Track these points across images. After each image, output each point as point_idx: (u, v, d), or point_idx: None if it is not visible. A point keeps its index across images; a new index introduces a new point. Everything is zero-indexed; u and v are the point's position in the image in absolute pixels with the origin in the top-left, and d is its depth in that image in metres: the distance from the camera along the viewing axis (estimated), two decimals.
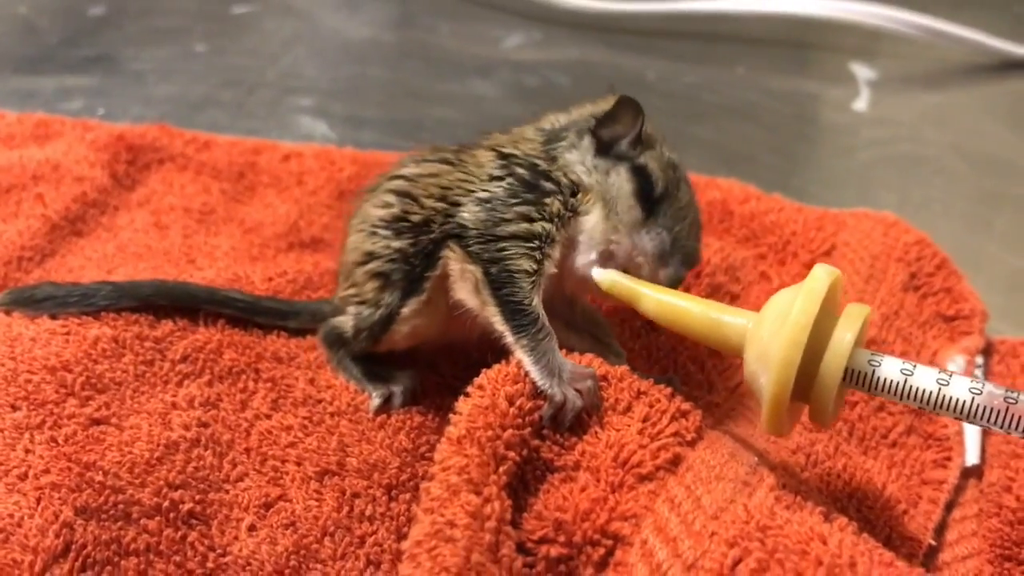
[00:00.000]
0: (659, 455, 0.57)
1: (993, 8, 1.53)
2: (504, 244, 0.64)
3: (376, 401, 0.71)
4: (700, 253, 0.71)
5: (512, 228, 0.65)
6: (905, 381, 0.56)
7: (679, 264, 0.68)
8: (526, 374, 0.61)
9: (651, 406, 0.61)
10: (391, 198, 0.71)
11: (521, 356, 0.62)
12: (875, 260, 0.86)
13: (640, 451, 0.57)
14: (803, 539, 0.52)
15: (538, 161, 0.68)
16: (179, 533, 0.61)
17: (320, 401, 0.71)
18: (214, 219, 0.96)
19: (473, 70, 1.36)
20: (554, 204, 0.66)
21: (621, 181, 0.67)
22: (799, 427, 0.72)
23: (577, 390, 0.59)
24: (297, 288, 0.83)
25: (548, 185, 0.67)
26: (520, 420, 0.58)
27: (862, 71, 1.40)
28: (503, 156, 0.68)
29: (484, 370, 0.62)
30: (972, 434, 0.75)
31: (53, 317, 0.74)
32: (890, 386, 0.57)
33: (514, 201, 0.66)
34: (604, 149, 0.68)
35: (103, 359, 0.71)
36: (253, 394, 0.71)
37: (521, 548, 0.55)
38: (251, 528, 0.63)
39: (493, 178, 0.67)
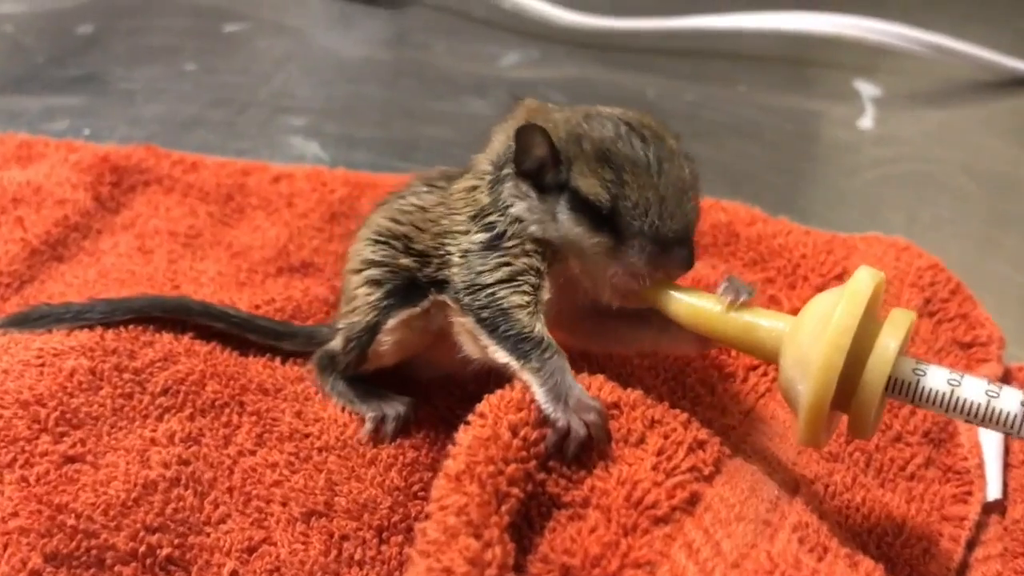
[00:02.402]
0: (675, 494, 0.54)
1: (997, 24, 1.50)
2: (491, 290, 0.62)
3: (368, 425, 0.68)
4: (691, 223, 0.61)
5: (494, 276, 0.62)
6: (952, 392, 0.53)
7: (676, 262, 0.60)
8: (531, 401, 0.57)
9: (666, 437, 0.57)
10: (401, 217, 0.69)
11: (528, 378, 0.58)
12: (888, 285, 0.83)
13: (655, 489, 0.53)
14: None
15: (495, 219, 0.64)
16: None
17: (307, 435, 0.68)
18: (200, 243, 0.93)
19: (469, 89, 1.33)
20: (526, 245, 0.63)
21: (568, 222, 0.61)
22: (816, 456, 0.69)
23: (582, 420, 0.56)
24: (285, 317, 0.79)
25: (514, 248, 0.63)
26: (524, 452, 0.54)
27: (866, 88, 1.37)
28: (471, 215, 0.65)
29: (486, 396, 0.58)
30: (993, 467, 0.71)
31: (48, 331, 0.72)
32: (936, 397, 0.54)
33: (488, 253, 0.63)
34: (541, 186, 0.62)
35: (79, 392, 0.67)
36: (237, 428, 0.68)
37: None
38: (233, 574, 0.59)
39: (467, 232, 0.65)
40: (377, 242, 0.68)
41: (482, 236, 0.64)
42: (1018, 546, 0.66)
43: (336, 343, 0.70)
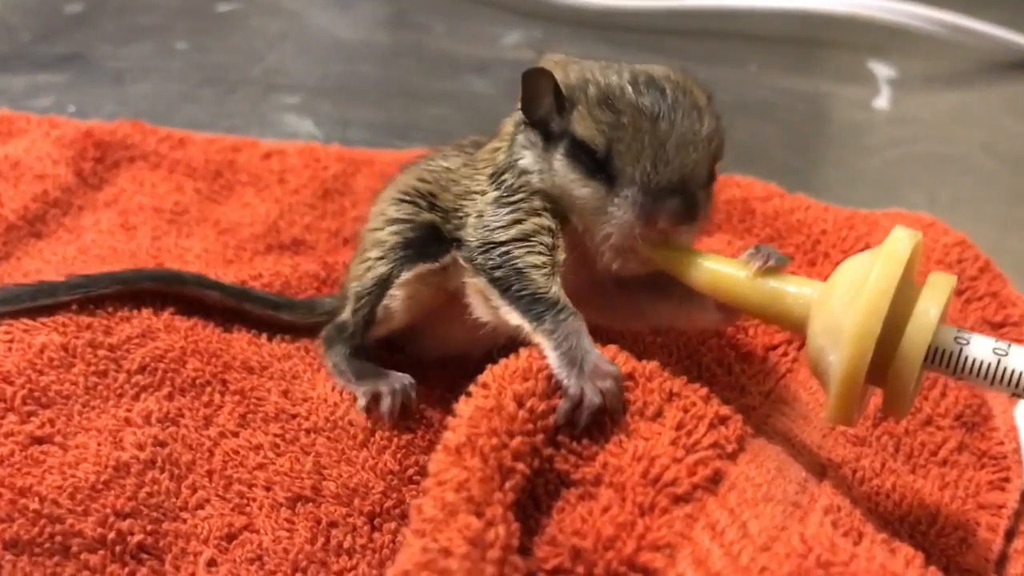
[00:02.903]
0: (696, 471, 0.48)
1: (1014, 4, 1.45)
2: (504, 248, 0.58)
3: (360, 401, 0.63)
4: (690, 174, 0.55)
5: (507, 234, 0.59)
6: (998, 362, 0.48)
7: (668, 214, 0.55)
8: (538, 370, 0.52)
9: (685, 411, 0.52)
10: (427, 176, 0.66)
11: (541, 341, 0.54)
12: (913, 265, 0.78)
13: (674, 466, 0.48)
14: None
15: (507, 176, 0.61)
16: (126, 569, 0.53)
17: (295, 416, 0.63)
18: (187, 219, 0.88)
19: (469, 68, 1.28)
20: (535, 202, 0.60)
21: (563, 169, 0.57)
22: (842, 440, 0.64)
23: (597, 388, 0.51)
24: (272, 291, 0.74)
25: (523, 204, 0.60)
26: (531, 425, 0.49)
27: (881, 69, 1.32)
28: (490, 173, 0.63)
29: (490, 366, 0.53)
30: None
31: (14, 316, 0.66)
32: (980, 368, 0.49)
33: (499, 210, 0.60)
34: (548, 135, 0.59)
35: (49, 369, 0.62)
36: (219, 409, 0.63)
37: None
38: (210, 563, 0.54)
39: (484, 192, 0.62)
40: (401, 201, 0.66)
41: (494, 193, 0.61)
42: None
43: (346, 310, 0.67)
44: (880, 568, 0.43)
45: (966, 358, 0.49)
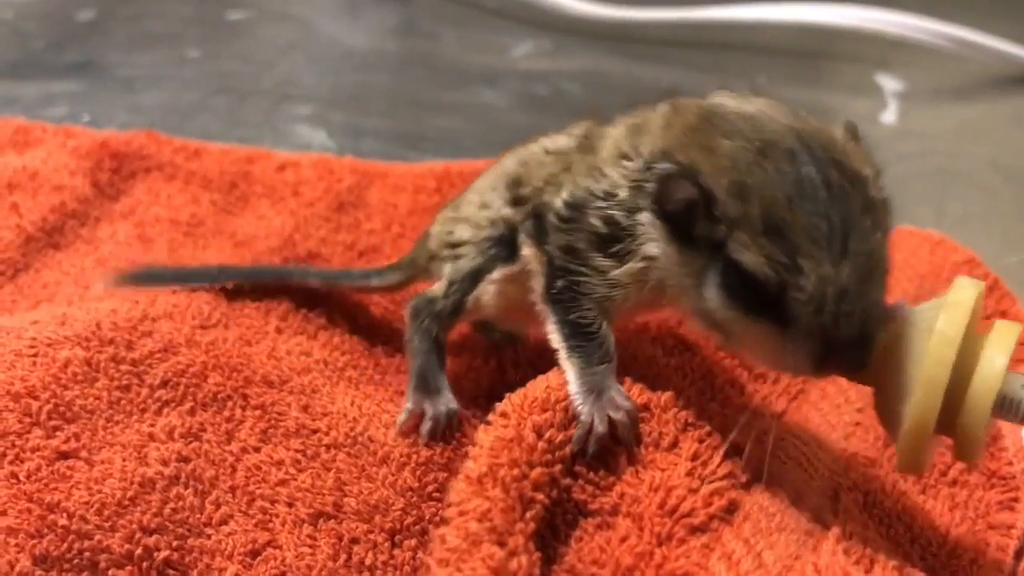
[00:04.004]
0: (712, 501, 0.50)
1: (1022, 18, 1.46)
2: (579, 263, 0.57)
3: (403, 416, 0.64)
4: (873, 319, 0.49)
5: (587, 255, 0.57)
6: None
7: (845, 367, 0.50)
8: (556, 401, 0.53)
9: (700, 441, 0.53)
10: (523, 156, 0.66)
11: (568, 370, 0.55)
12: (923, 280, 0.79)
13: (690, 496, 0.50)
14: None
15: (622, 224, 0.55)
16: None
17: (315, 431, 0.64)
18: (203, 232, 0.89)
19: (480, 79, 1.29)
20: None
21: (719, 300, 0.50)
22: (854, 462, 0.65)
23: (607, 416, 0.52)
24: (292, 307, 0.75)
25: (624, 276, 0.56)
26: (550, 456, 0.50)
27: (888, 83, 1.33)
28: (604, 186, 0.57)
29: (508, 395, 0.54)
30: None
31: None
32: None
33: (594, 249, 0.57)
34: (686, 237, 0.51)
35: (74, 384, 0.63)
36: (240, 424, 0.64)
37: None
38: None
39: (589, 189, 0.57)
40: (494, 188, 0.66)
41: (599, 226, 0.56)
42: None
43: (438, 288, 0.67)
44: None
45: None
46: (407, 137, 1.13)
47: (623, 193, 0.55)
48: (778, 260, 0.47)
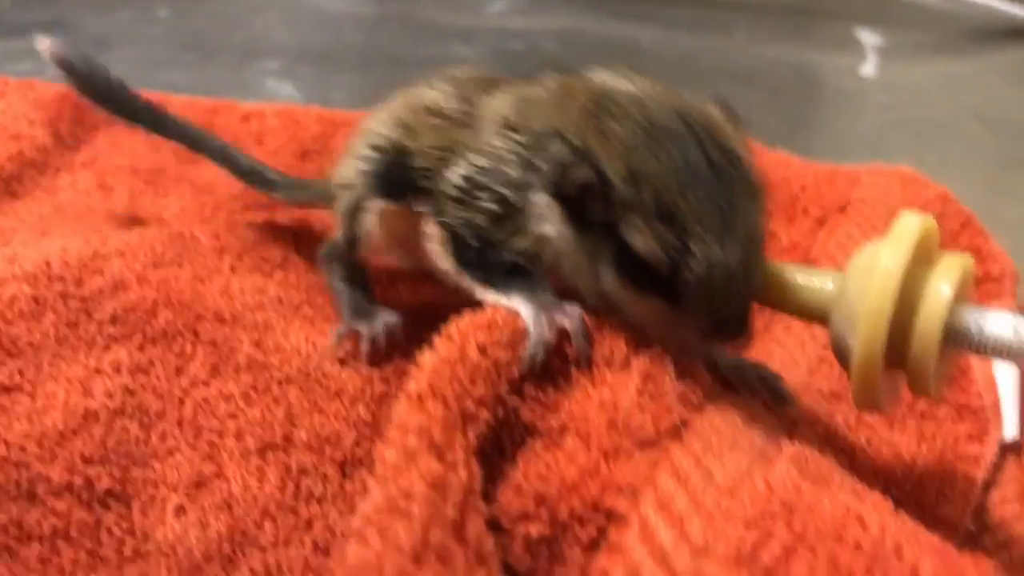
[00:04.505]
0: (662, 419, 0.48)
1: None
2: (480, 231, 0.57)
3: (334, 340, 0.63)
4: (756, 293, 0.51)
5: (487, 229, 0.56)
6: (1019, 338, 0.47)
7: (730, 338, 0.52)
8: (503, 322, 0.51)
9: (652, 361, 0.51)
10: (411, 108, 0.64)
11: (511, 303, 0.54)
12: (893, 216, 0.77)
13: (640, 413, 0.48)
14: (838, 520, 0.43)
15: (514, 201, 0.55)
16: (93, 515, 0.52)
17: (267, 366, 0.62)
18: (164, 179, 0.88)
19: (454, 36, 1.28)
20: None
21: (613, 281, 0.52)
22: (817, 396, 0.63)
23: (557, 322, 0.51)
24: (248, 246, 0.74)
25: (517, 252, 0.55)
26: (494, 374, 0.49)
27: (868, 37, 1.32)
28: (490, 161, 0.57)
29: (454, 317, 0.52)
30: (1010, 406, 0.66)
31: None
32: (1002, 345, 0.48)
33: (488, 224, 0.56)
34: (580, 217, 0.52)
35: (19, 320, 0.61)
36: (190, 359, 0.62)
37: (495, 526, 0.46)
38: (179, 510, 0.53)
39: (479, 162, 0.57)
40: (379, 128, 0.65)
41: (492, 206, 0.56)
42: None
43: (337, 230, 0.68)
44: (844, 510, 0.43)
45: (985, 335, 0.48)
46: (379, 90, 1.11)
47: (512, 170, 0.55)
48: (670, 243, 0.49)
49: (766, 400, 0.57)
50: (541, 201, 0.53)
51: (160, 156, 0.90)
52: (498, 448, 0.49)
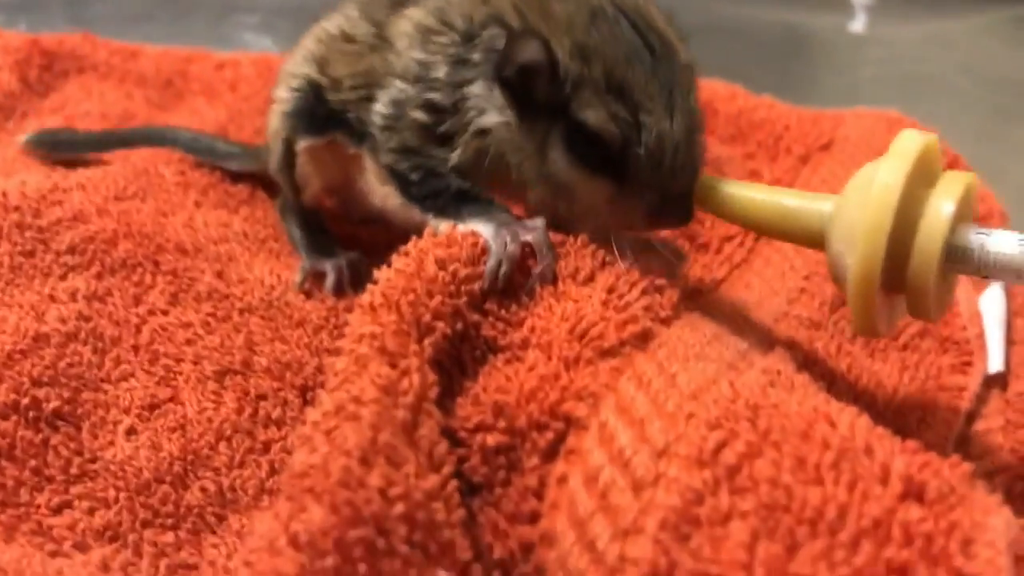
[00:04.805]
0: (626, 328, 0.46)
1: None
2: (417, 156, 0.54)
3: (298, 277, 0.62)
4: (699, 172, 0.52)
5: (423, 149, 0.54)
6: None
7: (675, 218, 0.52)
8: (463, 238, 0.49)
9: (618, 277, 0.49)
10: (322, 39, 0.62)
11: (470, 225, 0.51)
12: (877, 156, 0.76)
13: (602, 323, 0.46)
14: (805, 420, 0.41)
15: (444, 104, 0.53)
16: (40, 435, 0.51)
17: (227, 296, 0.60)
18: (133, 125, 0.85)
19: None
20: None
21: (563, 161, 0.50)
22: (796, 323, 0.62)
23: (520, 238, 0.48)
24: (214, 182, 0.72)
25: (460, 161, 0.53)
26: (453, 288, 0.47)
27: None
28: (415, 71, 0.54)
29: (414, 236, 0.50)
30: (995, 339, 0.64)
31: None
32: (1006, 263, 0.45)
33: (424, 141, 0.54)
34: (526, 102, 0.50)
35: None
36: (150, 288, 0.60)
37: (453, 439, 0.44)
38: (130, 431, 0.52)
39: (402, 86, 0.55)
40: (296, 68, 0.63)
41: (420, 117, 0.54)
42: (1020, 418, 0.58)
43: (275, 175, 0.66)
44: (812, 410, 0.41)
45: (989, 254, 0.46)
46: None
47: (440, 72, 0.53)
48: (621, 117, 0.48)
49: (665, 258, 0.55)
50: (481, 91, 0.52)
51: (131, 103, 0.88)
52: (458, 363, 0.47)
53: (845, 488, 0.37)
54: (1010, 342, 0.66)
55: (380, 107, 0.55)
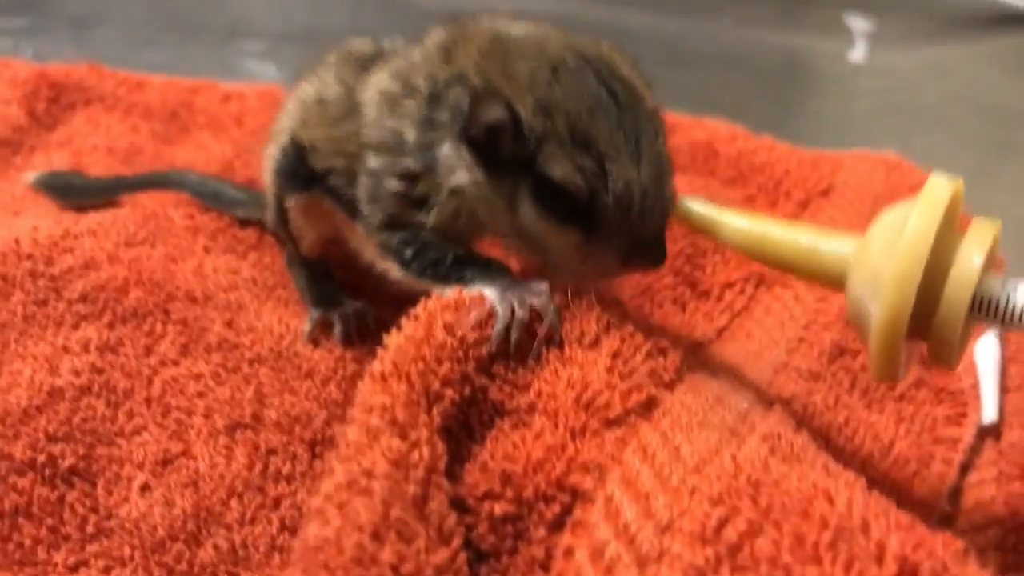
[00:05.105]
0: (631, 396, 0.47)
1: None
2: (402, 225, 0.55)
3: (307, 326, 0.63)
4: (669, 215, 0.53)
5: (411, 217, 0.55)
6: None
7: (650, 261, 0.53)
8: (471, 302, 0.50)
9: (623, 340, 0.50)
10: (301, 105, 0.63)
11: (476, 287, 0.52)
12: (877, 201, 0.77)
13: (608, 391, 0.47)
14: (804, 497, 0.42)
15: (417, 169, 0.53)
16: (56, 492, 0.52)
17: (237, 346, 0.61)
18: (140, 160, 0.87)
19: (440, 18, 1.26)
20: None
21: (532, 214, 0.51)
22: (796, 375, 0.63)
23: (528, 303, 0.49)
24: (222, 226, 0.73)
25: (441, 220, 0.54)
26: (461, 353, 0.48)
27: (857, 23, 1.31)
28: (387, 141, 0.55)
29: (423, 299, 0.52)
30: (989, 389, 0.65)
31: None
32: None
33: (406, 207, 0.55)
34: (493, 160, 0.51)
35: None
36: (160, 338, 0.61)
37: (461, 506, 0.45)
38: (144, 487, 0.53)
39: (376, 155, 0.55)
40: (280, 127, 0.64)
41: (396, 186, 0.54)
42: (1013, 469, 0.60)
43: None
44: (811, 486, 0.42)
45: (1014, 306, 0.46)
46: None
47: (409, 137, 0.54)
48: (587, 168, 0.49)
49: None
50: (449, 152, 0.52)
51: (137, 137, 0.89)
52: (465, 428, 0.48)
53: (842, 568, 0.38)
54: (1004, 389, 0.67)
55: (363, 180, 0.56)
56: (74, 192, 0.79)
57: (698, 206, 0.55)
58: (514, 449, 0.46)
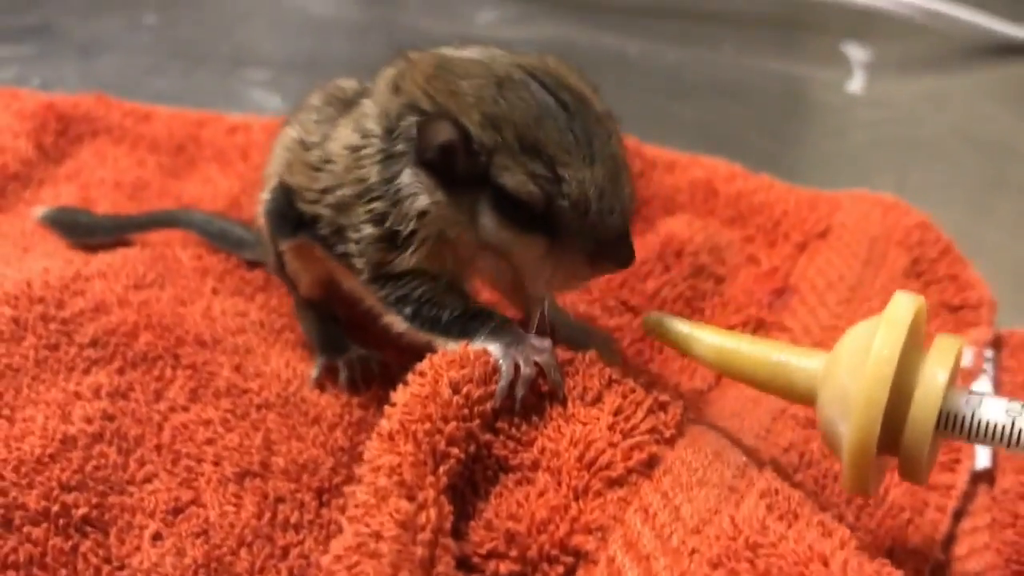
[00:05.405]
0: (632, 455, 0.49)
1: None
2: (403, 280, 0.56)
3: (314, 373, 0.65)
4: (629, 212, 0.53)
5: (403, 266, 0.56)
6: (1013, 423, 0.47)
7: (618, 261, 0.53)
8: (476, 358, 0.51)
9: (624, 396, 0.52)
10: (288, 148, 0.64)
11: (479, 343, 0.53)
12: (874, 243, 0.78)
13: (610, 450, 0.48)
14: (800, 560, 0.43)
15: (386, 210, 0.55)
16: (69, 542, 0.53)
17: (246, 392, 0.63)
18: (147, 195, 0.88)
19: (443, 46, 1.27)
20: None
21: (493, 225, 0.53)
22: (792, 423, 0.64)
23: (532, 360, 0.51)
24: (230, 267, 0.74)
25: (420, 249, 0.55)
26: (467, 411, 0.49)
27: (855, 52, 1.32)
28: (356, 191, 0.56)
29: (428, 354, 0.53)
30: None
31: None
32: (994, 431, 0.47)
33: (388, 249, 0.56)
34: (450, 178, 0.53)
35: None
36: (170, 383, 0.62)
37: (466, 564, 0.47)
38: (156, 537, 0.54)
39: (354, 208, 0.57)
40: (268, 173, 0.65)
41: (372, 231, 0.56)
42: (1007, 516, 0.61)
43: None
44: (808, 549, 0.44)
45: (978, 421, 0.48)
46: None
47: (373, 176, 0.55)
48: (539, 175, 0.50)
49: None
50: (410, 179, 0.54)
51: (144, 170, 0.90)
52: (471, 484, 0.49)
53: None
54: None
55: (348, 235, 0.57)
56: (81, 230, 0.80)
57: (670, 322, 0.56)
58: (518, 508, 0.48)
